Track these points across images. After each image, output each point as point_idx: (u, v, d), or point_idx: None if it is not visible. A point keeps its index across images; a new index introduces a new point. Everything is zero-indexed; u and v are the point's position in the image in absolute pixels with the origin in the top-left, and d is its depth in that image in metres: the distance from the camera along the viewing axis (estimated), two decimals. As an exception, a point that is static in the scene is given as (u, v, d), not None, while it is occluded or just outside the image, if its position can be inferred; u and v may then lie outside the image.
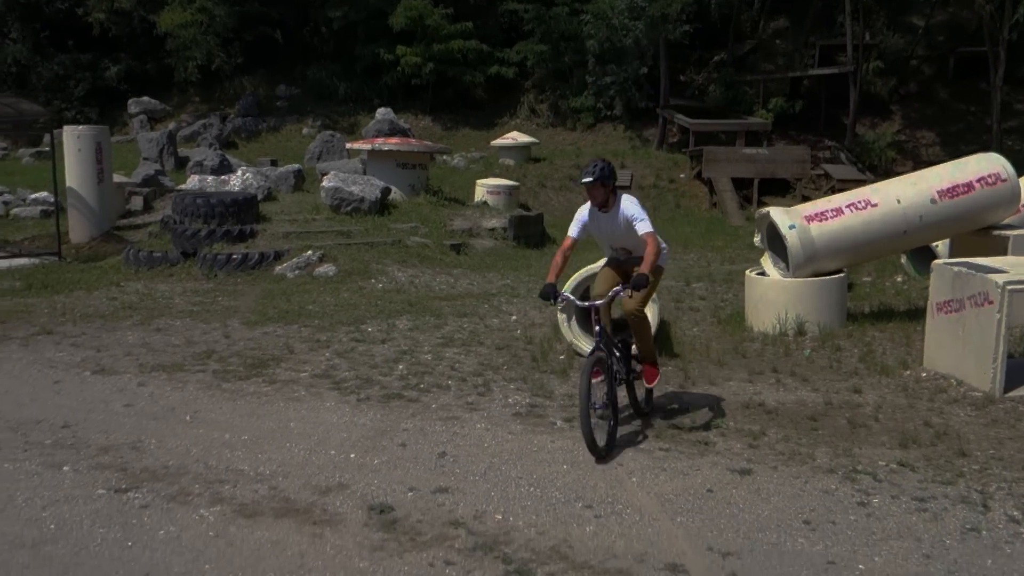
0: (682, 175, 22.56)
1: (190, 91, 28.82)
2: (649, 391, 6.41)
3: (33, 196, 18.49)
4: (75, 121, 21.39)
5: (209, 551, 4.30)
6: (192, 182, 16.49)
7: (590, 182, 5.82)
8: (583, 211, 6.04)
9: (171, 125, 26.17)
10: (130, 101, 27.71)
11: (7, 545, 4.32)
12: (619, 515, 4.73)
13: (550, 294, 5.68)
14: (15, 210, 17.99)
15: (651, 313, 7.81)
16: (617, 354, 6.00)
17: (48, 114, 16.69)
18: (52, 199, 16.57)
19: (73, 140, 14.46)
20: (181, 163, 21.23)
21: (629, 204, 5.89)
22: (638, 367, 6.27)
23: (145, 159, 21.06)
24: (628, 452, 5.65)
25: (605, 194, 5.89)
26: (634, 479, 5.22)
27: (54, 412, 6.37)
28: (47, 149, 24.13)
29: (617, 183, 6.04)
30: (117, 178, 16.23)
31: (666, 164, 23.11)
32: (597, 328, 5.73)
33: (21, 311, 9.84)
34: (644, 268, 5.64)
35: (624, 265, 6.19)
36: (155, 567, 4.12)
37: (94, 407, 6.50)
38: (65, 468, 5.31)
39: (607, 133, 26.36)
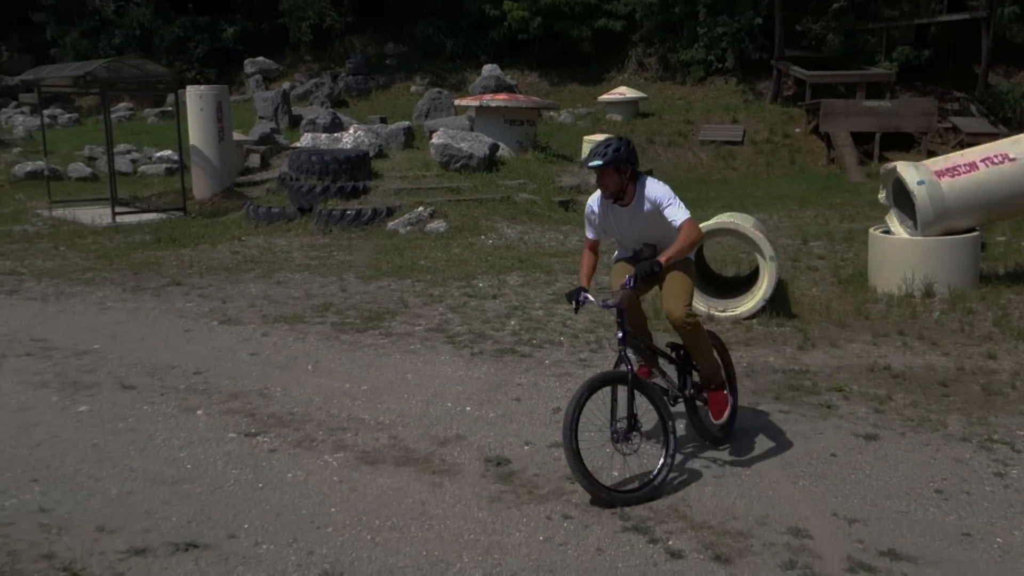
0: (797, 129, 21.79)
1: (302, 50, 29.39)
2: (730, 417, 5.12)
3: (158, 154, 19.33)
4: (195, 82, 22.10)
5: (334, 495, 4.44)
6: (306, 140, 16.87)
7: (599, 165, 4.56)
8: (592, 203, 4.89)
9: (285, 84, 26.77)
10: (246, 61, 28.46)
11: (149, 482, 4.57)
12: (738, 476, 4.65)
13: (573, 296, 4.68)
14: (142, 168, 18.85)
15: (767, 274, 7.61)
16: (645, 353, 4.86)
17: (172, 75, 17.29)
18: (176, 157, 17.27)
19: (195, 100, 14.96)
20: (295, 121, 21.73)
21: (656, 187, 4.65)
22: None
23: (261, 118, 21.66)
24: (747, 415, 5.53)
25: (620, 182, 4.61)
26: (755, 440, 5.11)
27: (186, 359, 6.67)
28: (170, 109, 25.09)
29: (639, 167, 4.74)
30: (236, 136, 16.75)
31: (780, 118, 22.36)
32: (620, 334, 4.60)
33: (152, 263, 10.32)
34: (664, 255, 4.51)
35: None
36: (284, 508, 4.28)
37: (222, 355, 6.77)
38: (199, 412, 5.57)
39: (718, 87, 25.64)
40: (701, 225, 7.92)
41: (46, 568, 3.75)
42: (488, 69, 24.32)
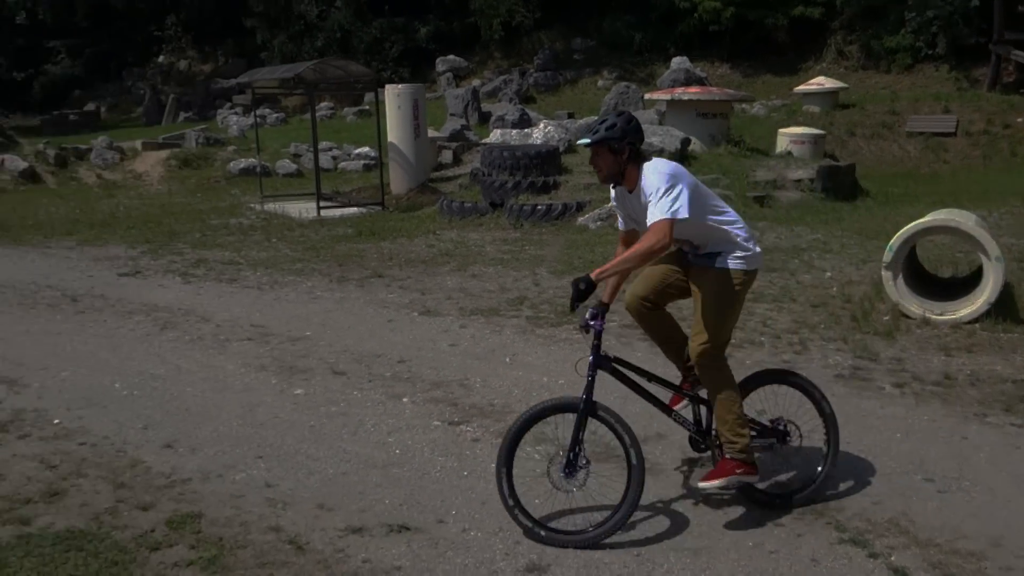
0: (1020, 119, 20.00)
1: (491, 48, 29.99)
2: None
3: (356, 151, 20.27)
4: (390, 81, 23.04)
5: (538, 487, 4.47)
6: (495, 136, 17.19)
7: (587, 144, 4.02)
8: (612, 191, 4.28)
9: (475, 82, 27.42)
10: (438, 60, 29.34)
11: (361, 464, 4.78)
12: (966, 492, 4.31)
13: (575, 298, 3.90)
14: (342, 164, 19.84)
15: (992, 275, 7.00)
16: (634, 386, 4.25)
17: (372, 75, 18.10)
18: (373, 154, 18.05)
19: (394, 98, 15.55)
20: (484, 118, 22.20)
21: (651, 173, 3.89)
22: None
23: (452, 115, 22.27)
24: (973, 425, 5.12)
25: (616, 164, 3.98)
26: (983, 455, 4.73)
27: (390, 348, 6.94)
28: (367, 108, 26.29)
29: (641, 145, 4.03)
30: (429, 133, 17.30)
31: (999, 107, 20.59)
32: (591, 357, 4.03)
33: (355, 255, 10.82)
34: (601, 268, 3.83)
35: (686, 263, 4.23)
36: (490, 497, 4.34)
37: (423, 345, 7.00)
38: (404, 399, 5.77)
39: (927, 75, 23.97)
40: (916, 223, 7.44)
41: (274, 540, 3.99)
42: (677, 62, 23.91)
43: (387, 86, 16.26)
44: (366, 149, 19.82)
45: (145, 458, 4.96)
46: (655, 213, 3.80)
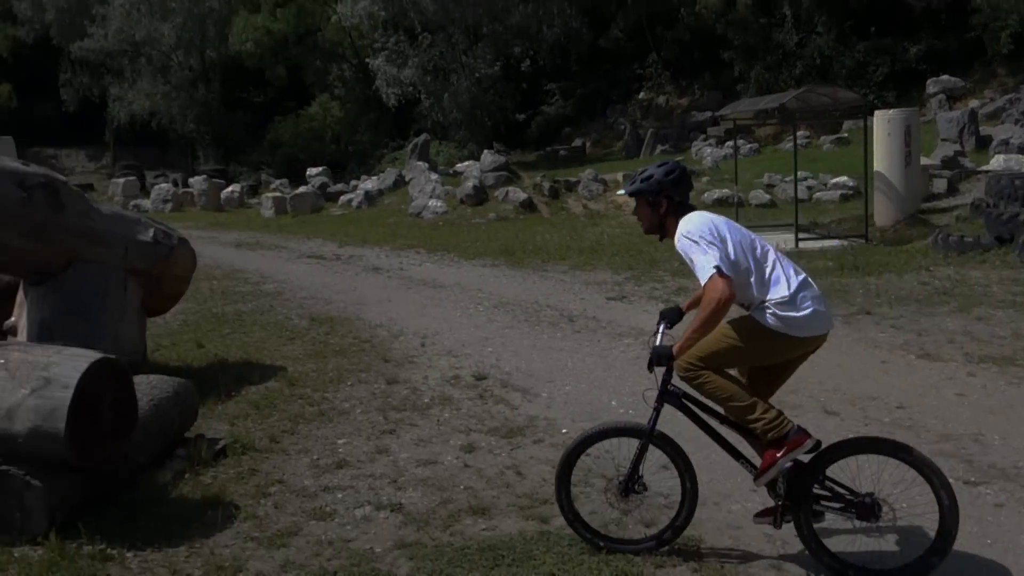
0: None
1: (994, 64, 26.94)
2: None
3: (833, 180, 19.51)
4: (873, 106, 21.78)
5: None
6: (996, 162, 15.41)
7: (622, 194, 4.25)
8: None
9: (971, 103, 24.81)
10: (928, 81, 27.12)
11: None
12: None
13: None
14: (817, 194, 19.23)
15: None
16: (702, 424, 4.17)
17: (861, 100, 17.29)
18: (852, 183, 17.18)
19: (883, 124, 14.67)
20: (982, 143, 20.00)
21: (682, 231, 3.88)
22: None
23: (943, 140, 20.41)
24: None
25: (654, 217, 4.05)
26: None
27: (886, 391, 6.49)
28: (845, 135, 25.26)
29: (685, 197, 4.05)
30: (920, 160, 16.02)
31: None
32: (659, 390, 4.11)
33: (837, 290, 10.35)
34: (679, 344, 3.89)
35: None
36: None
37: (924, 391, 6.43)
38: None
39: None
40: None
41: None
42: None
43: (876, 112, 15.43)
44: (844, 178, 19.01)
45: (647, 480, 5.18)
46: (701, 274, 3.74)
